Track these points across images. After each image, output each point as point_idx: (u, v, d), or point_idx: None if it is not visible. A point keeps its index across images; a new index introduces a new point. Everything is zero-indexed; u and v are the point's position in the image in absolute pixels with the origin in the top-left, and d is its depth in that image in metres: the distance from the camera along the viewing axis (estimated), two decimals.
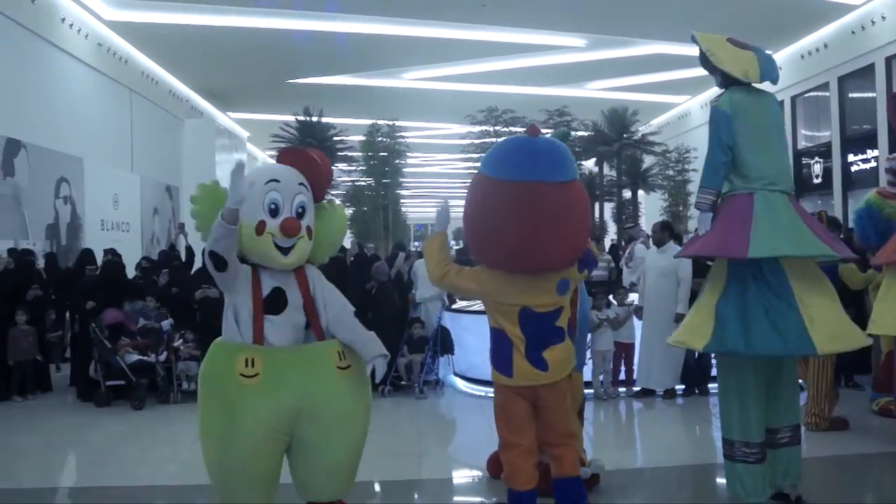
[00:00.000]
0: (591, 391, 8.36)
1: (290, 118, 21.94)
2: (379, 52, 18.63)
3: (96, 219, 15.96)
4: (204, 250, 3.60)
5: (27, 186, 13.19)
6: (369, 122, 23.27)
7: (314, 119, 21.88)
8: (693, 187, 23.42)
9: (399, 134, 23.44)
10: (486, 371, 8.18)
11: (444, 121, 25.58)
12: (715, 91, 4.96)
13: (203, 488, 5.66)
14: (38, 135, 13.57)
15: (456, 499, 5.55)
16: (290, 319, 3.70)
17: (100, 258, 11.03)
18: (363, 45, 17.93)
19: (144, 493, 5.69)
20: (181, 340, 8.66)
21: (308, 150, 3.97)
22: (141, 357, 8.53)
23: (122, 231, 17.22)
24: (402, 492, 5.45)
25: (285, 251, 3.64)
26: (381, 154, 23.91)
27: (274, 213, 3.64)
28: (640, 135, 24.67)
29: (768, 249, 4.27)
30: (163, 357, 8.58)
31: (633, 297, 8.86)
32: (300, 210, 3.71)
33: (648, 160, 25.49)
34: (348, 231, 3.98)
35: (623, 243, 15.53)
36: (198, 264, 10.39)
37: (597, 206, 24.18)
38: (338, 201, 4.30)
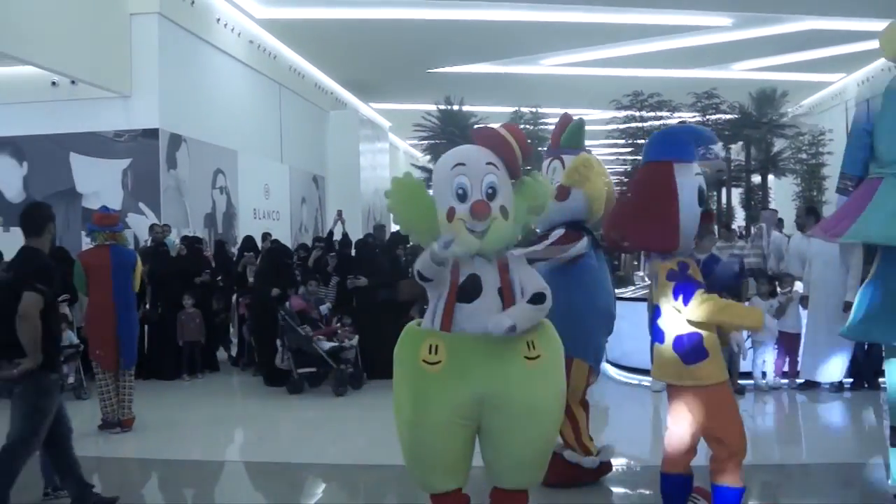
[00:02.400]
0: (752, 382, 8.08)
1: (432, 107, 22.16)
2: (519, 39, 18.51)
3: (249, 208, 16.67)
4: (414, 269, 3.62)
5: (187, 178, 13.92)
6: (510, 109, 23.19)
7: (455, 107, 22.01)
8: (829, 171, 22.17)
9: (542, 121, 23.25)
10: (640, 359, 8.13)
11: (586, 107, 25.16)
12: (872, 67, 4.81)
13: (364, 468, 5.83)
14: (197, 129, 14.30)
15: (610, 488, 5.44)
16: (484, 306, 3.55)
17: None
18: (503, 33, 17.87)
19: (307, 469, 5.89)
20: (339, 324, 8.87)
21: (503, 126, 3.78)
22: (334, 343, 8.61)
23: (272, 219, 17.91)
24: None
25: (480, 235, 3.52)
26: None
27: (462, 197, 3.53)
28: (789, 116, 23.49)
29: (859, 235, 4.26)
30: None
31: (798, 286, 8.44)
32: (490, 191, 3.55)
33: (779, 143, 24.26)
34: None
35: (751, 229, 14.88)
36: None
37: (723, 191, 23.21)
38: (542, 175, 4.10)
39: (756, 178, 24.09)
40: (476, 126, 3.83)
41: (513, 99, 22.94)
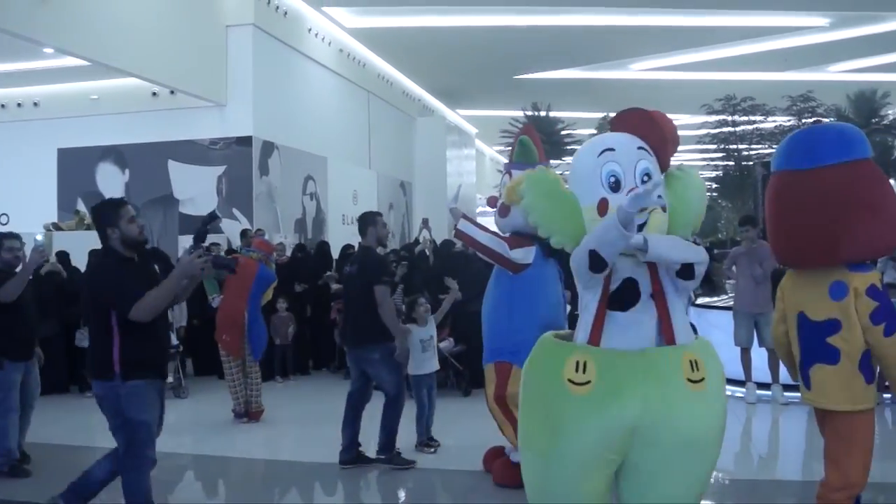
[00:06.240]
0: None
1: (519, 113, 22.16)
2: (607, 44, 18.37)
3: (337, 214, 16.96)
4: (581, 249, 3.00)
5: (279, 184, 14.27)
6: (598, 115, 23.03)
7: (542, 114, 21.95)
8: None
9: None
10: (734, 370, 7.95)
11: (676, 111, 24.71)
12: None
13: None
14: (288, 137, 14.65)
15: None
16: (638, 316, 3.05)
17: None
18: (591, 38, 17.74)
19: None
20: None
21: (645, 109, 3.31)
22: (459, 347, 8.77)
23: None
24: None
25: (637, 229, 2.97)
26: None
27: (615, 187, 3.06)
28: (891, 118, 22.62)
29: None
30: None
31: None
32: (646, 178, 3.07)
33: None
34: None
35: None
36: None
37: None
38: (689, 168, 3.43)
39: None
40: (615, 114, 3.39)
41: (601, 104, 22.75)
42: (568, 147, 23.95)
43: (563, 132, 23.94)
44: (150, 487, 4.21)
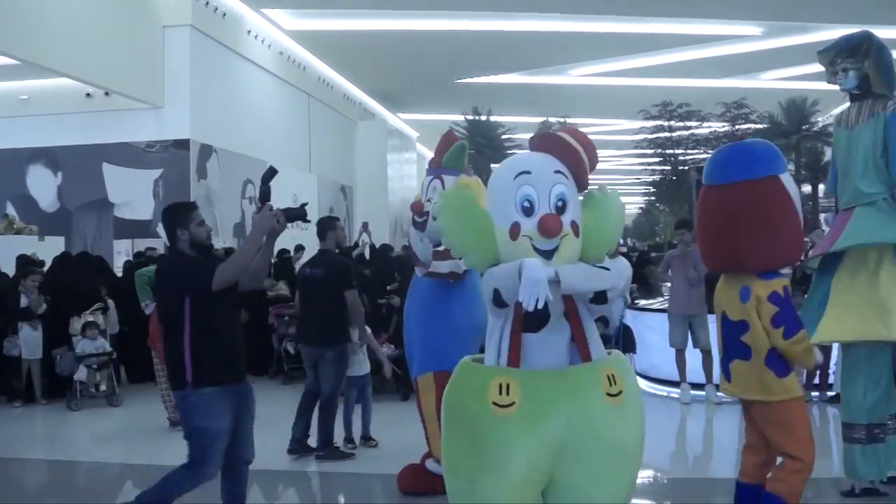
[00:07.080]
0: None
1: (459, 118, 22.25)
2: (547, 49, 18.57)
3: None
4: (487, 284, 2.99)
5: (217, 188, 14.08)
6: (538, 119, 23.27)
7: (483, 118, 22.09)
8: None
9: None
10: (669, 370, 8.09)
11: (615, 116, 25.18)
12: None
13: None
14: (227, 140, 14.49)
15: (635, 500, 5.41)
16: (550, 336, 3.05)
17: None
18: (531, 43, 17.92)
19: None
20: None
21: (564, 130, 3.26)
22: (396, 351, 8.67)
23: (300, 229, 17.85)
24: None
25: (548, 255, 2.98)
26: None
27: (528, 211, 3.01)
28: (820, 125, 23.32)
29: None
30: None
31: None
32: (560, 203, 3.03)
33: (831, 152, 24.01)
34: None
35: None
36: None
37: None
38: (611, 188, 3.36)
39: (807, 188, 23.90)
40: (534, 134, 3.34)
41: (541, 109, 22.99)
42: (508, 151, 24.17)
43: (504, 136, 24.16)
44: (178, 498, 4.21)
